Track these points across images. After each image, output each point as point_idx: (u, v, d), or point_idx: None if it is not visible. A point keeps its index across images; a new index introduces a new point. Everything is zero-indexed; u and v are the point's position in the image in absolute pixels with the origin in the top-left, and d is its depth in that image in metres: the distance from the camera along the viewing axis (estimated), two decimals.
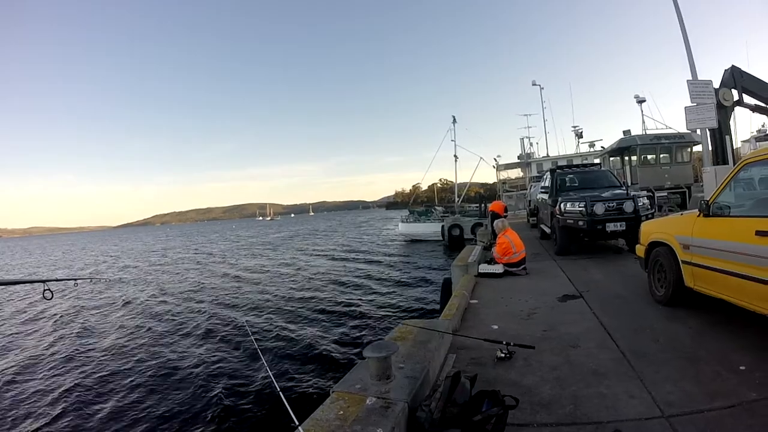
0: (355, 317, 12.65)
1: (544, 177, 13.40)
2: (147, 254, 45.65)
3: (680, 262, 4.54)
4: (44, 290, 3.64)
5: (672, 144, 16.94)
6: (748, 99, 11.47)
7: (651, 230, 5.40)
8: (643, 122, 24.15)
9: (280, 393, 3.32)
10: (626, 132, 20.38)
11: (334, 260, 28.02)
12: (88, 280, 16.17)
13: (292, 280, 20.58)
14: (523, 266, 7.93)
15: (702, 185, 12.26)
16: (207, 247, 50.72)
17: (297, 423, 2.67)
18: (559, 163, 23.55)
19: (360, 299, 15.07)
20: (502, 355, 3.84)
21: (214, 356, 10.10)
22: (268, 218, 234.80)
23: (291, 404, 3.04)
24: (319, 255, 31.97)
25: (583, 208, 8.69)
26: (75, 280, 5.03)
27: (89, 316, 16.26)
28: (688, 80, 10.79)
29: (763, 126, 25.33)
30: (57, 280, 4.33)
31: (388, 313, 12.93)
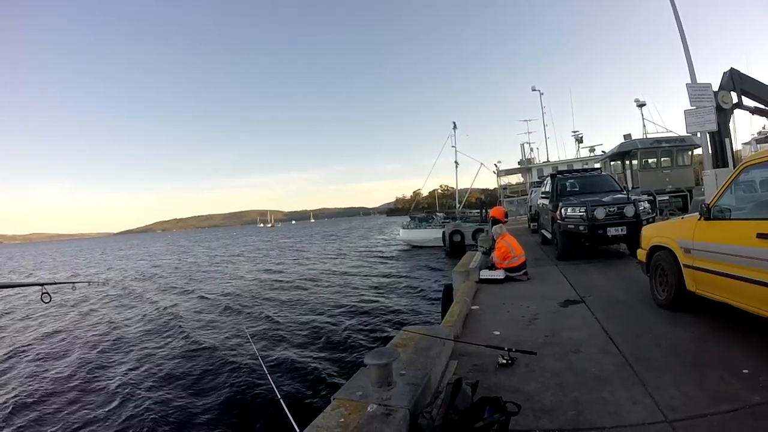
0: (356, 324, 12.61)
1: (545, 182, 13.40)
2: (150, 259, 45.58)
3: (682, 266, 4.52)
4: (42, 293, 3.64)
5: (673, 147, 16.96)
6: (747, 101, 11.49)
7: (652, 234, 5.40)
8: (644, 126, 24.19)
9: (281, 400, 3.32)
10: (627, 136, 20.40)
11: (335, 266, 28.01)
12: (86, 283, 16.28)
13: (292, 286, 20.57)
14: (523, 271, 7.92)
15: (703, 188, 12.25)
16: (209, 252, 50.64)
17: (298, 430, 2.66)
18: (560, 168, 23.62)
19: (361, 306, 15.04)
20: (504, 361, 3.82)
21: (212, 361, 10.08)
22: (269, 225, 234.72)
23: (292, 411, 3.03)
24: (320, 261, 31.97)
25: (584, 213, 8.70)
26: (73, 283, 5.04)
27: (85, 319, 16.42)
28: (687, 83, 10.81)
29: (764, 128, 25.36)
30: (55, 283, 4.32)
31: (389, 320, 12.90)
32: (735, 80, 11.29)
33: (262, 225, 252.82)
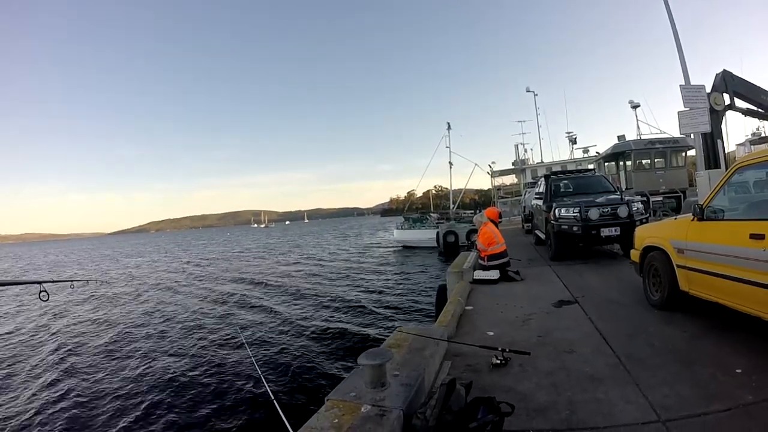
0: (349, 324, 12.58)
1: (539, 183, 13.44)
2: (146, 258, 45.42)
3: (675, 266, 4.54)
4: (40, 292, 3.61)
5: (666, 149, 17.05)
6: (739, 103, 11.54)
7: (645, 235, 5.42)
8: (638, 127, 24.35)
9: (275, 401, 3.30)
10: (621, 137, 20.51)
11: (327, 266, 27.99)
12: (84, 282, 16.18)
13: (286, 287, 20.46)
14: (509, 267, 8.11)
15: (696, 189, 12.32)
16: (205, 252, 50.51)
17: (291, 431, 2.64)
18: (554, 169, 23.70)
19: (354, 306, 15.00)
20: (498, 361, 3.81)
21: (206, 363, 10.02)
22: (263, 225, 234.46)
23: (285, 412, 3.01)
24: (313, 261, 31.91)
25: (578, 214, 8.73)
26: (71, 281, 5.01)
27: (81, 319, 16.26)
28: (680, 85, 10.84)
29: (757, 129, 25.58)
30: (53, 281, 4.30)
31: (382, 320, 12.88)
32: (727, 82, 11.34)
33: (255, 225, 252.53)
